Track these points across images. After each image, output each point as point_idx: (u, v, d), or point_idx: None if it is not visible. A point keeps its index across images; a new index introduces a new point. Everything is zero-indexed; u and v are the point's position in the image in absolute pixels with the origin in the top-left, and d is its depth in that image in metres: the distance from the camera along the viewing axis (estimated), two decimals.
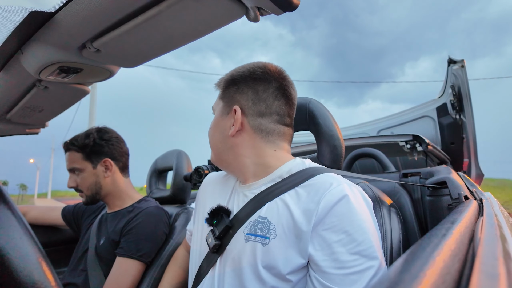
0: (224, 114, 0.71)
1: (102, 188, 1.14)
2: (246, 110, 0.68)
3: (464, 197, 0.81)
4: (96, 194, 1.14)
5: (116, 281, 0.97)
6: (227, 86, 0.72)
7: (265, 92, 0.68)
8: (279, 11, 0.55)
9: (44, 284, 0.26)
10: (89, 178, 1.13)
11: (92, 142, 1.13)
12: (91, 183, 1.13)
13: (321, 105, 0.87)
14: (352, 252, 0.52)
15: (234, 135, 0.68)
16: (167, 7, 0.53)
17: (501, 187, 22.82)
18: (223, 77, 0.74)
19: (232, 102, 0.69)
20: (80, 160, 1.12)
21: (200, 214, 0.78)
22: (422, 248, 0.33)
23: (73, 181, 1.14)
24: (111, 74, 0.83)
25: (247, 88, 0.69)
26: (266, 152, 0.68)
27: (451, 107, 2.82)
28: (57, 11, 0.56)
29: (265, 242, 0.58)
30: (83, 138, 1.13)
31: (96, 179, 1.13)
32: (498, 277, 0.26)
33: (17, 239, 0.27)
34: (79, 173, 1.13)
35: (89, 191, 1.13)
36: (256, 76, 0.69)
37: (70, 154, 1.13)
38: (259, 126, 0.68)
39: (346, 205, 0.55)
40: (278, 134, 0.69)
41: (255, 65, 0.71)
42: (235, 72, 0.72)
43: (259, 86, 0.68)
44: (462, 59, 2.69)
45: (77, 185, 1.13)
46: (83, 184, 1.13)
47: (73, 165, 1.13)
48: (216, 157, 0.74)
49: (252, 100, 0.68)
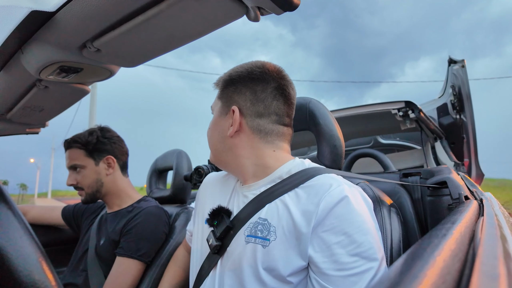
0: (222, 115, 0.70)
1: (103, 185, 1.14)
2: (245, 111, 0.67)
3: (464, 197, 0.81)
4: (96, 192, 1.13)
5: (116, 281, 0.97)
6: (225, 86, 0.71)
7: (263, 92, 0.68)
8: (279, 11, 0.55)
9: (44, 283, 0.26)
10: (90, 175, 1.12)
11: (95, 140, 1.14)
12: (92, 181, 1.12)
13: (321, 105, 0.87)
14: (351, 254, 0.52)
15: (232, 136, 0.68)
16: (167, 6, 0.53)
17: (501, 187, 22.82)
18: (222, 76, 0.74)
19: (230, 102, 0.69)
20: (82, 157, 1.12)
21: (200, 215, 0.78)
22: (422, 248, 0.33)
23: (73, 179, 1.13)
24: (111, 74, 0.83)
25: (245, 88, 0.68)
26: (265, 153, 0.68)
27: (451, 107, 2.82)
28: (57, 11, 0.56)
29: (265, 244, 0.58)
30: (86, 136, 1.14)
31: (98, 176, 1.13)
32: (499, 277, 0.26)
33: (17, 238, 0.27)
34: (80, 170, 1.12)
35: (89, 188, 1.13)
36: (254, 76, 0.68)
37: (71, 151, 1.13)
38: (258, 127, 0.67)
39: (346, 206, 0.55)
40: (277, 134, 0.69)
41: (253, 65, 0.70)
42: (234, 72, 0.71)
43: (257, 86, 0.68)
44: (463, 59, 2.68)
45: (77, 182, 1.12)
46: (84, 181, 1.12)
47: (74, 162, 1.12)
48: (215, 157, 0.73)
49: (250, 100, 0.67)
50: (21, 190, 61.64)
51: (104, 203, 1.28)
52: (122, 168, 1.20)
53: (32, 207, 1.44)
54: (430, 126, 2.04)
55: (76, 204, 1.37)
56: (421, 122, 1.93)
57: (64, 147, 1.16)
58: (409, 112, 1.82)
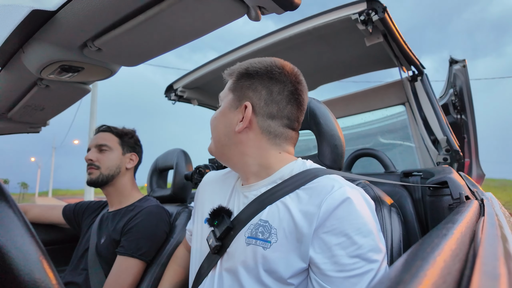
0: (232, 107, 0.68)
1: (120, 174, 1.19)
2: (257, 109, 0.66)
3: (465, 197, 0.81)
4: (111, 176, 1.17)
5: (117, 280, 0.98)
6: (239, 78, 0.69)
7: (280, 94, 0.66)
8: (280, 10, 0.55)
9: (45, 282, 0.26)
10: (114, 159, 1.19)
11: (131, 137, 1.26)
12: (113, 164, 1.18)
13: (321, 105, 0.87)
14: (352, 255, 0.52)
15: (240, 132, 0.66)
16: (168, 6, 0.53)
17: (502, 187, 22.79)
18: (236, 67, 0.71)
19: (243, 97, 0.67)
20: (114, 142, 1.21)
21: (199, 214, 0.78)
22: (422, 248, 0.32)
23: (95, 156, 1.17)
24: (112, 73, 0.83)
25: (261, 86, 0.66)
26: (271, 154, 0.67)
27: (452, 107, 2.81)
28: (58, 10, 0.56)
29: (266, 246, 0.57)
30: (124, 129, 1.27)
31: (119, 163, 1.20)
32: (499, 277, 0.26)
33: (18, 237, 0.27)
34: (106, 151, 1.18)
35: (107, 170, 1.17)
36: (273, 76, 0.66)
37: (105, 134, 1.21)
38: (268, 128, 0.66)
39: (347, 208, 0.54)
40: (285, 138, 0.68)
41: (272, 63, 0.68)
42: (251, 66, 0.68)
43: (274, 87, 0.66)
44: (464, 59, 2.68)
45: (97, 160, 1.16)
46: (105, 161, 1.17)
47: (105, 142, 1.19)
48: (217, 150, 0.71)
49: (264, 100, 0.66)
50: (22, 189, 61.78)
51: (105, 202, 1.28)
52: (134, 170, 1.29)
53: (33, 206, 1.44)
54: (404, 48, 1.56)
55: (77, 203, 1.38)
56: (389, 36, 1.48)
57: (98, 130, 1.24)
58: (372, 14, 1.34)
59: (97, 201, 1.36)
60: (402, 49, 1.57)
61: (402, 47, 1.56)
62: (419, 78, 1.81)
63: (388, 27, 1.41)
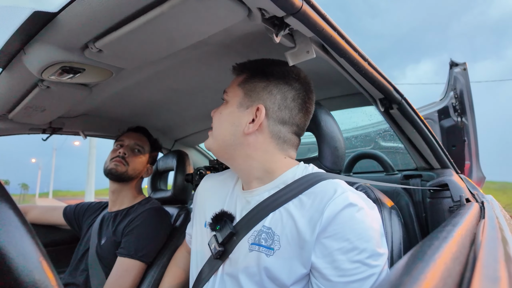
0: (242, 107, 0.66)
1: (139, 175, 1.25)
2: (270, 113, 0.65)
3: (465, 199, 0.81)
4: (132, 177, 1.21)
5: (117, 281, 0.97)
6: (253, 76, 0.67)
7: (294, 101, 0.66)
8: (281, 13, 0.55)
9: (44, 283, 0.26)
10: (142, 162, 1.25)
11: (160, 146, 1.35)
12: (138, 168, 1.23)
13: (322, 107, 0.87)
14: (353, 260, 0.51)
15: (249, 134, 0.65)
16: (170, 8, 0.53)
17: (502, 190, 22.74)
18: (248, 63, 0.70)
19: (256, 98, 0.66)
20: (147, 146, 1.28)
21: (198, 217, 0.78)
22: (423, 250, 0.32)
23: (129, 152, 1.20)
24: (113, 75, 0.83)
25: (276, 90, 0.66)
26: (276, 159, 0.66)
27: (452, 110, 2.81)
28: (59, 11, 0.56)
29: (269, 253, 0.57)
30: (158, 143, 1.34)
31: (143, 168, 1.26)
32: (499, 280, 0.26)
33: (18, 238, 0.27)
34: (139, 153, 1.23)
35: (133, 170, 1.20)
36: (289, 82, 0.66)
37: (142, 136, 1.28)
38: (278, 133, 0.66)
39: (349, 213, 0.54)
40: (292, 144, 0.68)
41: (290, 70, 0.67)
42: (266, 68, 0.68)
43: (289, 93, 0.66)
44: (464, 62, 2.68)
45: (127, 156, 1.19)
46: (135, 162, 1.21)
47: (141, 144, 1.24)
48: (220, 148, 0.69)
49: (278, 105, 0.65)
50: (23, 190, 61.76)
51: (106, 203, 1.28)
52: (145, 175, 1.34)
53: (33, 207, 1.44)
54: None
55: (77, 204, 1.38)
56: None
57: (133, 130, 1.29)
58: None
59: (98, 202, 1.36)
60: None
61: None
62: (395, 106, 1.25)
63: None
